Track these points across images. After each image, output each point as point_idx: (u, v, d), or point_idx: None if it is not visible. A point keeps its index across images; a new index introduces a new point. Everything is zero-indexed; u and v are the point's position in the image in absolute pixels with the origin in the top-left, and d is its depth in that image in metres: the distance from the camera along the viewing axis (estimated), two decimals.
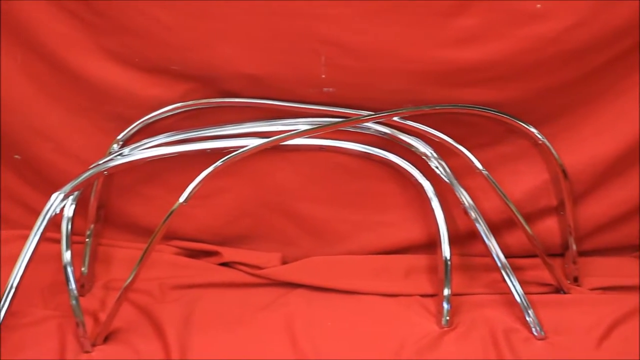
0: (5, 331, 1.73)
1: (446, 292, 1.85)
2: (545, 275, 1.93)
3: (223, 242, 2.04)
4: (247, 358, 1.75)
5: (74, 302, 1.74)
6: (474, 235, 1.88)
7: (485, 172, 1.86)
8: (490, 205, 1.93)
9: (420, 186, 1.90)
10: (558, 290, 1.94)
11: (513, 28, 1.76)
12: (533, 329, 1.81)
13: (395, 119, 1.85)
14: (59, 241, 1.81)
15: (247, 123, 1.90)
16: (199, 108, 1.91)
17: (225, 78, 1.88)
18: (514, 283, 1.84)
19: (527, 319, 1.82)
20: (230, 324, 1.84)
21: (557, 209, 1.97)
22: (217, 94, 1.91)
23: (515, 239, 1.96)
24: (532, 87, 1.84)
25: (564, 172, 1.90)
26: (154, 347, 1.77)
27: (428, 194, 1.89)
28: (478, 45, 1.78)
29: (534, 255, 1.92)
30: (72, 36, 1.87)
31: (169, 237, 2.02)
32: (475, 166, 1.86)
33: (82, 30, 1.86)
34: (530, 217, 1.95)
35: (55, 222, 1.78)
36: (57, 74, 1.91)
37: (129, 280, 1.71)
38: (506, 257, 1.86)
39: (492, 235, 1.86)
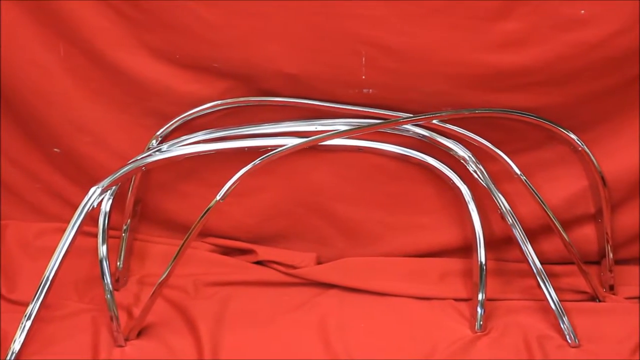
0: (39, 323, 1.75)
1: (480, 296, 1.84)
2: (580, 282, 1.92)
3: (258, 241, 2.04)
4: (279, 357, 1.76)
5: (108, 296, 1.75)
6: (510, 240, 1.87)
7: (523, 178, 1.85)
8: (527, 211, 1.92)
9: (457, 190, 1.89)
10: (593, 298, 1.93)
11: (556, 33, 1.75)
12: (567, 337, 1.80)
13: (434, 121, 1.84)
14: (95, 235, 1.83)
15: (286, 122, 1.91)
16: (238, 106, 1.92)
17: (265, 77, 1.88)
18: (549, 290, 1.83)
19: (562, 326, 1.81)
20: (263, 322, 1.84)
21: (595, 217, 1.95)
22: (256, 92, 1.91)
23: (552, 245, 1.95)
24: (573, 93, 1.83)
25: (603, 179, 1.89)
26: (187, 344, 1.78)
27: (465, 198, 1.88)
28: (520, 50, 1.77)
29: (570, 262, 1.91)
30: (114, 32, 1.88)
31: (204, 234, 2.03)
32: (514, 171, 1.85)
33: (124, 26, 1.87)
34: (567, 224, 1.93)
35: (92, 216, 1.79)
36: (99, 69, 1.92)
37: (163, 276, 1.72)
38: (542, 263, 1.85)
39: (528, 241, 1.85)
